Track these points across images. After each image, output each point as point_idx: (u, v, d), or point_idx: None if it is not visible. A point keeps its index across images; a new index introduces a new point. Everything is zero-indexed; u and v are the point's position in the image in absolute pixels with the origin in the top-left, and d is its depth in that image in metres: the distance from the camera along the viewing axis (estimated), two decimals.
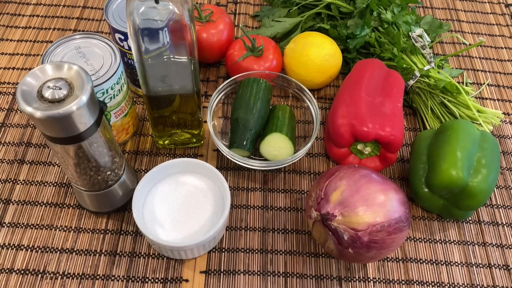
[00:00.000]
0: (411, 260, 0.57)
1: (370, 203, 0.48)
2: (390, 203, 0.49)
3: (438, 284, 0.55)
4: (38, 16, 0.79)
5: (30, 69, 0.72)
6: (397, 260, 0.57)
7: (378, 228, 0.48)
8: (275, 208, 0.60)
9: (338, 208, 0.49)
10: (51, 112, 0.41)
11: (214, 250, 0.56)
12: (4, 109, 0.67)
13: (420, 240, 0.59)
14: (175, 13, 0.46)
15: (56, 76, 0.43)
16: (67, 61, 0.44)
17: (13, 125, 0.66)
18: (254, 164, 0.58)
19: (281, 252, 0.57)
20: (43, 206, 0.59)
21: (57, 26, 0.78)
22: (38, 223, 0.57)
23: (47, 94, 0.42)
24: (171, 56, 0.50)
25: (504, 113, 0.72)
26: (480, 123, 0.64)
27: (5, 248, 0.55)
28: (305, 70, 0.68)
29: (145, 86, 0.53)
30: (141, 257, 0.56)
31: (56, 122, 0.42)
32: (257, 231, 0.58)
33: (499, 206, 0.62)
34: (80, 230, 0.57)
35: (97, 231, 0.57)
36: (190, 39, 0.48)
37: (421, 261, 0.57)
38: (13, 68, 0.72)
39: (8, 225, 0.57)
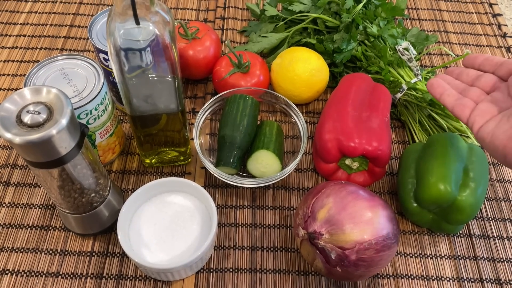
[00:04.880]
0: (402, 276, 0.56)
1: (357, 221, 0.48)
2: (377, 220, 0.48)
3: None
4: (24, 36, 0.78)
5: (16, 89, 0.71)
6: (388, 276, 0.56)
7: (365, 246, 0.47)
8: (264, 226, 0.60)
9: (325, 226, 0.48)
10: (31, 137, 0.40)
11: (202, 270, 0.56)
12: None
13: (411, 255, 0.58)
14: (156, 34, 0.45)
15: (35, 100, 0.42)
16: (46, 85, 0.44)
17: None
18: (242, 182, 0.58)
19: (270, 271, 0.56)
20: (29, 229, 0.58)
21: (44, 45, 0.77)
22: (23, 246, 0.56)
23: (26, 119, 0.41)
24: (154, 76, 0.49)
25: None
26: (468, 136, 0.64)
27: None
28: (292, 85, 0.67)
29: (129, 106, 0.53)
30: (128, 280, 0.55)
31: (36, 147, 0.42)
32: (245, 249, 0.58)
33: (490, 219, 0.61)
34: (66, 253, 0.56)
35: (83, 253, 0.56)
36: (172, 59, 0.48)
37: (412, 276, 0.56)
38: None
39: None
